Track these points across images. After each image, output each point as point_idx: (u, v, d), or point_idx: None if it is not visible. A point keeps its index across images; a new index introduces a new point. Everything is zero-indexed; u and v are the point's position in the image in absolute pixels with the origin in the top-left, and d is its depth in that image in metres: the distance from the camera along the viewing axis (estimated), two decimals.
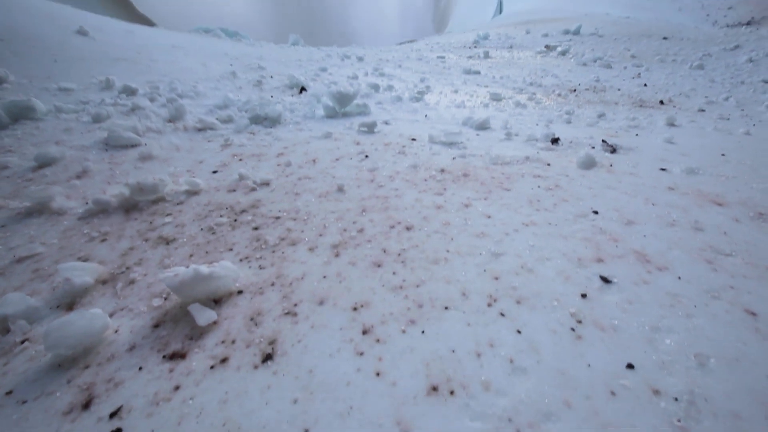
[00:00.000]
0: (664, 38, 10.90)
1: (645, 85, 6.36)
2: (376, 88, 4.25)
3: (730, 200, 1.98)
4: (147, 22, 12.35)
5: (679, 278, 1.33)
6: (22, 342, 1.15)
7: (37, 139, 2.84)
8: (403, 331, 1.08)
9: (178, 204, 1.94)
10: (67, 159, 2.50)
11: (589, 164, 2.41)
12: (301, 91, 3.93)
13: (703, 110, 4.97)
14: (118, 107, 3.33)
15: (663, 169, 2.44)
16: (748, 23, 14.87)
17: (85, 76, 4.06)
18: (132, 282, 1.37)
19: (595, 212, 1.79)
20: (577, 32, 11.08)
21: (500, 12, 17.41)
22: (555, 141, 2.84)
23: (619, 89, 5.95)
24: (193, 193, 2.01)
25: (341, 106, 3.18)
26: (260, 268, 1.39)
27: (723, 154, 2.81)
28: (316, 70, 5.23)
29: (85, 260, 1.53)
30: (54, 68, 4.19)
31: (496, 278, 1.30)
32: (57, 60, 4.39)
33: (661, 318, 1.14)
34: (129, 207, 1.93)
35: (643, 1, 17.65)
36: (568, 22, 12.34)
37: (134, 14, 12.51)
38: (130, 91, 3.65)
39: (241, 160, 2.40)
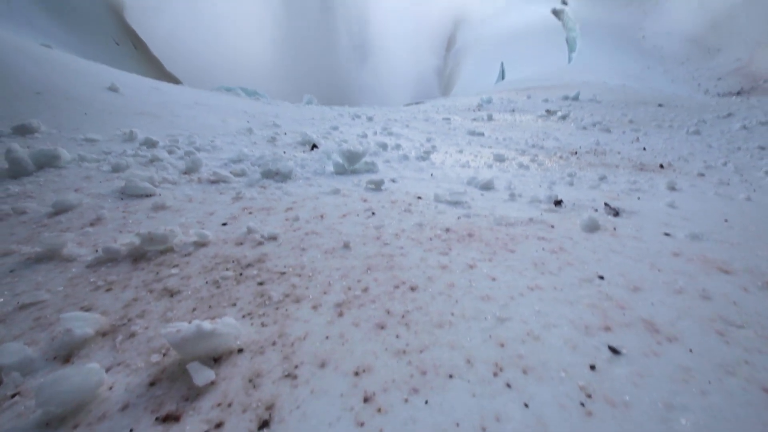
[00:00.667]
0: (660, 105, 11.43)
1: (644, 149, 6.57)
2: (384, 146, 4.45)
3: (737, 268, 1.97)
4: (174, 79, 13.30)
5: (691, 351, 1.29)
6: (13, 396, 1.12)
7: (57, 185, 2.95)
8: (406, 401, 1.04)
9: (185, 255, 1.96)
10: (84, 206, 2.58)
11: (592, 227, 2.44)
12: (312, 148, 4.12)
13: (702, 174, 5.07)
14: (138, 158, 3.49)
15: (667, 234, 2.46)
16: (738, 93, 15.66)
17: (110, 128, 4.31)
18: (132, 335, 1.35)
19: (601, 277, 1.78)
20: (576, 98, 11.70)
21: (503, 78, 18.54)
22: (558, 203, 2.90)
23: (619, 152, 6.14)
24: (201, 244, 2.05)
25: (350, 163, 3.31)
26: (263, 325, 1.38)
27: (726, 220, 2.83)
28: (327, 128, 5.51)
29: (88, 310, 1.52)
30: (83, 120, 4.46)
31: (502, 345, 1.27)
32: (87, 113, 4.68)
33: (674, 394, 1.09)
34: (137, 257, 1.96)
35: (637, 71, 18.80)
36: (566, 88, 13.10)
37: (163, 72, 13.52)
38: (150, 144, 3.85)
39: (250, 213, 2.47)
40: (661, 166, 5.40)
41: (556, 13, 22.74)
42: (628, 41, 21.05)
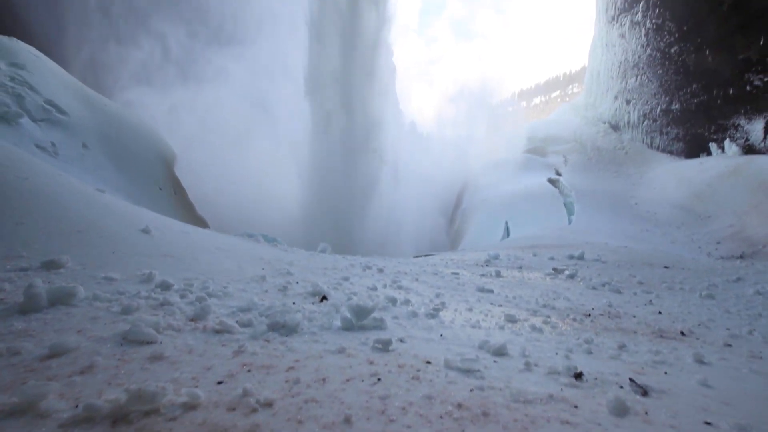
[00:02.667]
0: (666, 267, 11.61)
1: (660, 313, 6.39)
2: (393, 301, 4.45)
3: None
4: (203, 223, 14.46)
5: None
6: None
7: (62, 325, 2.93)
8: None
9: (171, 420, 1.79)
10: (80, 350, 2.50)
11: (621, 410, 2.19)
12: (322, 300, 4.14)
13: (729, 345, 4.78)
14: (149, 300, 3.53)
15: (708, 423, 2.18)
16: (741, 257, 15.96)
17: (132, 268, 4.50)
18: None
19: None
20: (581, 257, 12.06)
21: (508, 235, 19.61)
22: (578, 376, 2.69)
23: (634, 316, 5.96)
24: (191, 407, 1.88)
25: (358, 319, 3.27)
26: None
27: None
28: (339, 278, 5.64)
29: None
30: (110, 259, 4.71)
31: None
32: (115, 252, 4.97)
33: None
34: (118, 418, 1.80)
35: (637, 232, 19.75)
36: (571, 248, 13.65)
37: (194, 215, 14.83)
38: (165, 286, 3.94)
39: (249, 371, 2.33)
40: (682, 333, 5.16)
41: (552, 181, 25.53)
42: (623, 207, 22.80)
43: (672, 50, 24.70)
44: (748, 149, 22.20)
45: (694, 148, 25.16)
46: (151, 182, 13.90)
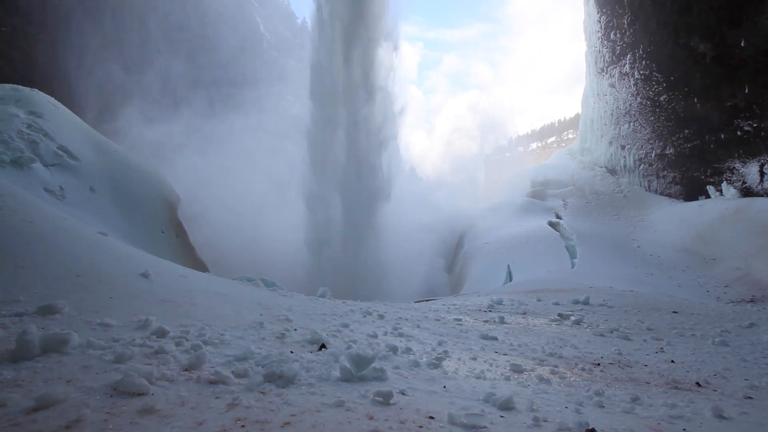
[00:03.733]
0: (674, 312, 11.31)
1: (672, 361, 6.15)
2: (394, 350, 4.31)
3: None
4: (202, 266, 14.39)
5: None
6: None
7: (52, 374, 2.83)
8: None
9: None
10: (69, 402, 2.40)
11: None
12: (320, 348, 4.02)
13: (750, 397, 4.56)
14: (144, 348, 3.43)
15: None
16: (752, 301, 15.55)
17: (129, 313, 4.42)
18: None
19: None
20: (586, 302, 11.80)
21: (510, 279, 19.32)
22: None
23: (646, 365, 5.73)
24: None
25: (358, 369, 3.15)
26: None
27: None
28: (338, 325, 5.51)
29: None
30: (107, 304, 4.63)
31: None
32: (113, 297, 4.91)
33: None
34: None
35: (641, 276, 19.40)
36: (575, 293, 13.37)
37: (194, 258, 14.78)
38: (161, 333, 3.85)
39: (243, 426, 2.22)
40: (698, 384, 4.93)
41: (553, 225, 25.56)
42: (625, 250, 22.60)
43: (661, 98, 25.70)
44: (746, 192, 22.44)
45: (692, 190, 25.46)
46: (154, 225, 14.01)
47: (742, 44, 20.26)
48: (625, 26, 26.99)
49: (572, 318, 9.27)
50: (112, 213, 12.80)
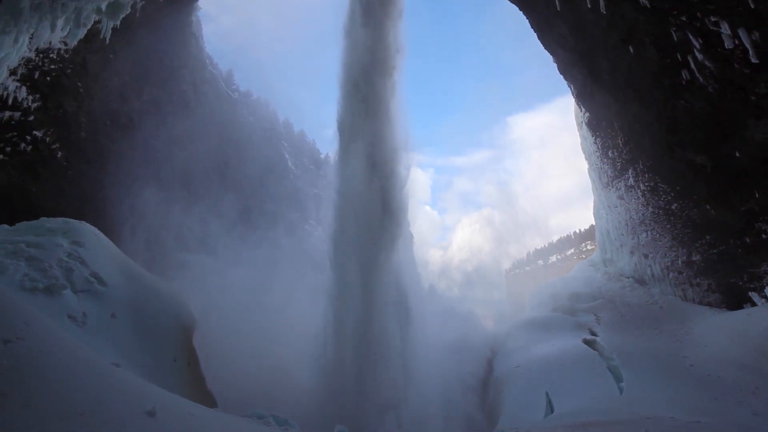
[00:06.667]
0: None
1: None
2: None
3: None
4: (210, 399, 13.41)
5: None
6: None
7: None
8: None
9: None
10: None
11: None
12: None
13: None
14: None
15: None
16: None
17: None
18: None
19: None
20: None
21: (551, 410, 16.99)
22: None
23: None
24: None
25: None
26: None
27: None
28: None
29: None
30: None
31: None
32: None
33: None
34: None
35: (705, 402, 16.68)
36: (631, 425, 11.45)
37: (202, 390, 13.86)
38: None
39: None
40: None
41: (588, 342, 23.48)
42: (677, 370, 19.99)
43: (673, 207, 25.38)
44: None
45: (734, 298, 23.64)
46: (168, 353, 13.60)
47: (737, 155, 20.63)
48: (621, 145, 28.49)
49: None
50: (130, 340, 12.63)
